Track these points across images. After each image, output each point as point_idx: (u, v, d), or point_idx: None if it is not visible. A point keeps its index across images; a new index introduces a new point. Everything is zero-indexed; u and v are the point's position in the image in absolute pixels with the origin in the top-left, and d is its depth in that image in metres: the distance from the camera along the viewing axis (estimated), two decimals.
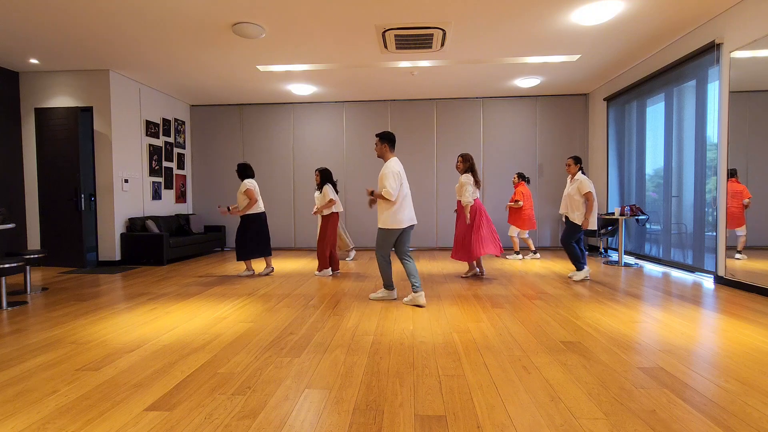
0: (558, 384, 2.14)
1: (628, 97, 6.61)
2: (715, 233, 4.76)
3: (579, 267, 4.85)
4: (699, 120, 5.05)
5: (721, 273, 4.61)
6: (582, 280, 4.88)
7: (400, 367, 2.39)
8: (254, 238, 5.38)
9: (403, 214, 3.82)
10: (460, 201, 5.02)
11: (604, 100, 7.17)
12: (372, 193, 3.86)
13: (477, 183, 4.96)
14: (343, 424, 1.78)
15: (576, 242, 4.86)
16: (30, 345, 2.83)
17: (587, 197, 4.69)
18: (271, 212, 8.41)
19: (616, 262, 6.12)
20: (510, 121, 8.02)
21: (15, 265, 3.87)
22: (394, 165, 3.84)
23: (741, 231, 4.33)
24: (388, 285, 4.05)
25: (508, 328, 3.09)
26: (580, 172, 4.87)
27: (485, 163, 8.07)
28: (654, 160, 6.08)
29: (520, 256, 6.77)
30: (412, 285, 3.83)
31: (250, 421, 1.81)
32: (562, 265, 6.03)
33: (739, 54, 4.31)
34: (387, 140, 3.94)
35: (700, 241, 5.11)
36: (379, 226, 3.88)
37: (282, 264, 6.45)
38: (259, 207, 5.40)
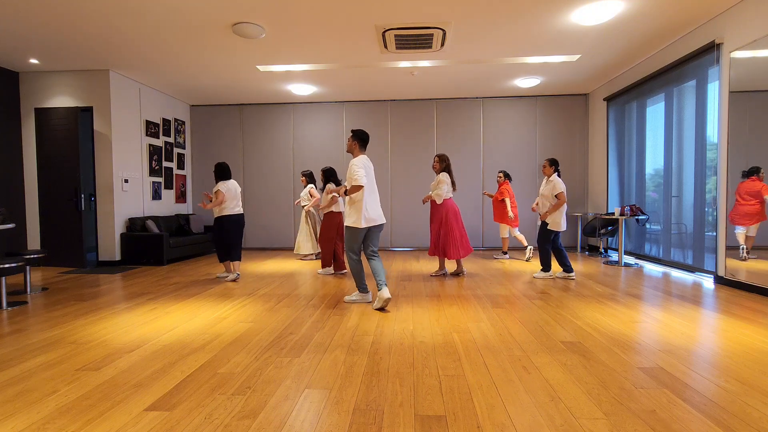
0: (558, 384, 2.14)
1: (628, 97, 6.61)
2: (715, 233, 4.76)
3: (545, 268, 5.06)
4: (699, 120, 5.05)
5: (721, 273, 4.61)
6: (543, 279, 5.04)
7: (400, 367, 2.39)
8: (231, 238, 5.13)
9: (370, 213, 3.78)
10: (434, 199, 5.17)
11: (604, 100, 7.17)
12: (346, 192, 3.82)
13: (453, 184, 5.14)
14: (343, 424, 1.78)
15: (550, 244, 5.04)
16: (30, 345, 2.82)
17: (559, 197, 4.82)
18: (271, 212, 8.41)
19: (616, 262, 6.12)
20: (510, 121, 8.02)
21: (15, 265, 3.87)
22: (360, 160, 3.81)
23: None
24: (362, 287, 3.96)
25: (508, 328, 3.09)
26: (556, 174, 4.99)
27: (485, 163, 8.07)
28: (654, 160, 6.08)
29: (507, 255, 6.81)
30: (377, 283, 3.73)
31: (250, 421, 1.81)
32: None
33: (739, 54, 4.31)
34: (359, 138, 3.89)
35: (700, 241, 5.11)
36: (347, 224, 3.83)
37: (282, 264, 6.45)
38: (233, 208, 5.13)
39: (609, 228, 6.70)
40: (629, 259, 6.48)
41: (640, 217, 5.85)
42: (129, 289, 4.64)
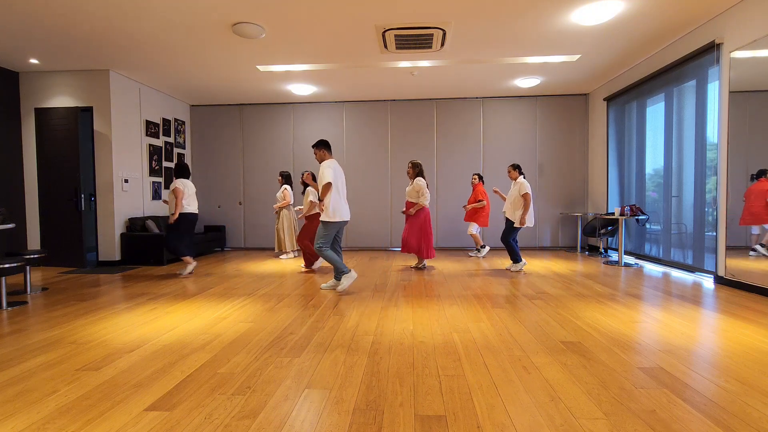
0: (558, 384, 2.14)
1: (628, 97, 6.61)
2: (715, 233, 4.76)
3: (516, 260, 5.54)
4: (699, 120, 5.05)
5: (721, 273, 4.61)
6: (519, 271, 5.53)
7: (400, 367, 2.39)
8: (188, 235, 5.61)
9: (343, 210, 4.36)
10: (409, 201, 5.68)
11: (604, 100, 7.17)
12: (320, 199, 4.35)
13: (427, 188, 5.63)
14: (343, 424, 1.78)
15: (513, 238, 5.59)
16: (30, 345, 2.82)
17: (525, 198, 5.36)
18: (271, 212, 8.41)
19: (616, 262, 6.12)
20: (510, 121, 8.02)
21: (15, 265, 3.87)
22: (329, 163, 4.39)
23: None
24: (345, 269, 4.36)
25: (508, 328, 3.09)
26: (521, 177, 5.54)
27: (485, 163, 8.07)
28: (654, 160, 6.08)
29: (487, 248, 7.17)
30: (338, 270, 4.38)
31: (250, 421, 1.81)
32: (562, 265, 6.03)
33: (739, 54, 4.31)
34: (323, 146, 4.47)
35: (700, 241, 5.11)
36: (324, 219, 4.28)
37: (282, 264, 6.45)
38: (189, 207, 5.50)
39: (609, 228, 6.70)
40: (629, 259, 6.49)
41: (640, 217, 5.85)
42: (129, 289, 4.64)
